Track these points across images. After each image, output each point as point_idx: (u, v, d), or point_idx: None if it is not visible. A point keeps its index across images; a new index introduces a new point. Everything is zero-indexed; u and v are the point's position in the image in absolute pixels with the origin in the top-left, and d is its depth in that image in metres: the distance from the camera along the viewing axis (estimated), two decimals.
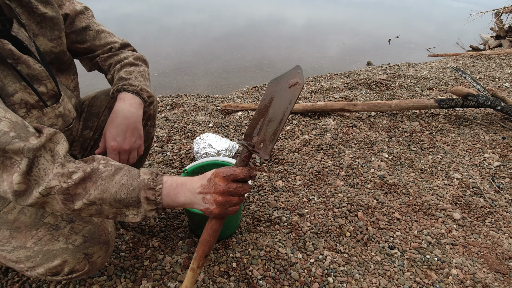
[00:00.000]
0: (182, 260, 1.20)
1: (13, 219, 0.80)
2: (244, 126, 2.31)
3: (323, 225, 1.44)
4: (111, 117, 0.92)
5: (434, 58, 5.84)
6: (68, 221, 0.83)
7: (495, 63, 4.37)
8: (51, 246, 0.81)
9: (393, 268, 1.27)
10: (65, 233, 0.82)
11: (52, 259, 0.81)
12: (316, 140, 2.13)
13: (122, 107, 0.92)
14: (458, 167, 1.97)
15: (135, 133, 0.94)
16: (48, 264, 0.81)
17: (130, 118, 0.92)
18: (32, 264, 0.81)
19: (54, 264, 0.81)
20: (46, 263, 0.81)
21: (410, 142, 2.22)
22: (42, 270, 0.81)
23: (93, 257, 0.85)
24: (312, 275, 1.20)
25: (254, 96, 3.26)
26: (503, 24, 6.51)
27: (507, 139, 2.22)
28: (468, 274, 1.27)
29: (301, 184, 1.71)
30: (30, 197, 0.65)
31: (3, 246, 0.81)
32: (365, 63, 5.67)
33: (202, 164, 1.40)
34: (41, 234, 0.81)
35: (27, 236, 0.80)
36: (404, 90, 3.15)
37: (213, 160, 1.43)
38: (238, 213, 1.35)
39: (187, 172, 1.34)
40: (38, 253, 0.80)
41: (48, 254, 0.81)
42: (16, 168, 0.62)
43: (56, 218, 0.83)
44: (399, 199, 1.67)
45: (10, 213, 0.81)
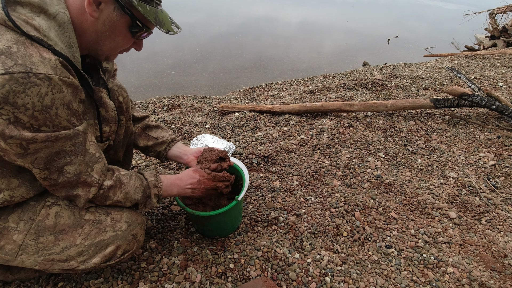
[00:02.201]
0: (179, 262, 1.20)
1: (53, 224, 0.88)
2: (241, 126, 2.31)
3: (320, 225, 1.44)
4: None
5: (430, 58, 5.88)
6: (106, 213, 0.95)
7: (490, 63, 4.41)
8: (101, 237, 0.93)
9: (390, 267, 1.28)
10: (109, 224, 0.95)
11: (105, 248, 0.94)
12: (313, 140, 2.13)
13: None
14: (453, 166, 1.99)
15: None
16: (102, 252, 0.93)
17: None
18: (85, 258, 0.92)
19: (108, 251, 0.94)
20: (100, 252, 0.93)
21: (406, 142, 2.23)
22: (97, 259, 0.93)
23: (137, 236, 1.01)
24: (309, 275, 1.20)
25: (251, 97, 3.27)
26: (497, 25, 6.58)
27: (502, 138, 2.24)
28: (464, 272, 1.28)
29: (298, 185, 1.71)
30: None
31: (50, 250, 0.89)
32: (361, 64, 5.70)
33: None
34: (88, 230, 0.91)
35: (74, 235, 0.90)
36: (400, 90, 3.17)
37: None
38: (238, 213, 1.35)
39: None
40: (90, 247, 0.92)
41: (100, 245, 0.93)
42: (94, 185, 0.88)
43: (94, 214, 0.94)
44: (395, 199, 1.68)
45: (47, 220, 0.88)
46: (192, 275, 1.15)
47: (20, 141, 0.70)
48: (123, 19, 0.84)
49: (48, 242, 0.88)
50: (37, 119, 0.70)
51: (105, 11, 0.81)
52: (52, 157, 0.76)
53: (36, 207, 0.88)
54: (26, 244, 0.87)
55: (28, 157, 0.73)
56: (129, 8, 0.82)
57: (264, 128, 2.30)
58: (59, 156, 0.77)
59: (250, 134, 2.22)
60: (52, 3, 0.74)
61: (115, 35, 0.86)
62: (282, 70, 5.13)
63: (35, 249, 0.88)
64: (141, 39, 0.94)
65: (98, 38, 0.85)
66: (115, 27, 0.84)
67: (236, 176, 1.41)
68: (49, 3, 0.74)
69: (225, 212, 1.17)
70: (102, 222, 0.94)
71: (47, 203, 0.89)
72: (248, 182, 1.27)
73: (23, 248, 0.87)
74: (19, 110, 0.67)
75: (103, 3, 0.79)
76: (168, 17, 0.92)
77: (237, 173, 1.39)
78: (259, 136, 2.18)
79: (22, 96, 0.66)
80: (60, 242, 0.89)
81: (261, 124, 2.34)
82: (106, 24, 0.83)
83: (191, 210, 1.16)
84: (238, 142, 2.11)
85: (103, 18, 0.81)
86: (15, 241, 0.86)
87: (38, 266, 0.91)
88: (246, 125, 2.33)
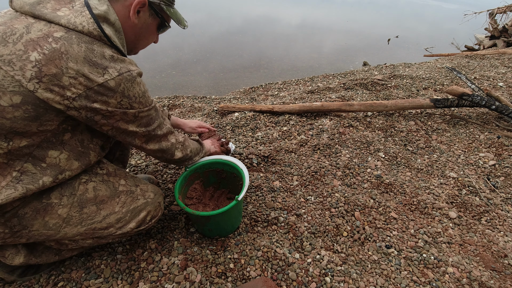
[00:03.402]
0: (179, 262, 1.20)
1: (93, 196, 1.01)
2: (241, 127, 2.31)
3: (320, 225, 1.44)
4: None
5: (430, 58, 5.88)
6: (135, 185, 1.12)
7: (490, 63, 4.41)
8: (135, 204, 1.09)
9: (390, 267, 1.28)
10: (140, 193, 1.12)
11: (139, 213, 1.09)
12: (313, 140, 2.13)
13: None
14: (453, 166, 1.99)
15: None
16: (136, 218, 1.09)
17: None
18: (123, 224, 1.06)
19: (141, 216, 1.10)
20: (135, 218, 1.08)
21: (406, 142, 2.23)
22: (133, 224, 1.08)
23: (161, 204, 1.19)
24: (309, 275, 1.20)
25: (251, 97, 3.27)
26: (497, 24, 6.58)
27: (502, 138, 2.24)
28: (464, 272, 1.28)
29: (298, 185, 1.71)
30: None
31: (93, 219, 1.01)
32: (361, 64, 5.70)
33: (203, 163, 1.41)
34: (124, 199, 1.07)
35: (113, 204, 1.04)
36: (400, 90, 3.17)
37: (213, 159, 1.43)
38: (238, 213, 1.35)
39: (188, 171, 1.35)
40: (126, 213, 1.07)
41: (134, 211, 1.08)
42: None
43: (126, 186, 1.10)
44: (395, 199, 1.68)
45: (87, 193, 1.01)
46: (192, 275, 1.15)
47: (135, 111, 0.94)
48: (155, 22, 1.04)
49: (91, 212, 1.00)
50: (142, 104, 0.94)
51: (143, 17, 0.99)
52: (148, 121, 1.00)
53: (74, 184, 0.99)
54: (70, 216, 0.98)
55: (137, 121, 0.96)
56: (160, 12, 1.02)
57: (264, 128, 2.30)
58: (152, 120, 1.01)
59: (250, 134, 2.22)
60: (110, 13, 0.90)
61: (148, 34, 1.05)
62: (282, 70, 5.13)
63: (79, 220, 0.99)
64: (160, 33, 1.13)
65: (136, 38, 1.03)
66: (149, 28, 1.03)
67: (236, 176, 1.42)
68: (109, 14, 0.90)
69: (225, 212, 1.17)
70: (134, 192, 1.10)
71: (82, 180, 1.01)
72: (248, 182, 1.28)
73: (67, 221, 0.98)
74: (132, 100, 0.90)
75: (141, 11, 0.97)
76: (180, 15, 1.11)
77: (237, 173, 1.39)
78: (259, 136, 2.18)
79: (131, 89, 0.89)
80: (101, 211, 1.02)
81: (261, 124, 2.34)
82: (143, 27, 1.01)
83: (191, 210, 1.17)
84: (238, 142, 2.11)
85: (141, 23, 0.99)
86: (60, 215, 0.96)
87: (79, 236, 1.02)
88: (246, 125, 2.33)
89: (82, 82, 0.81)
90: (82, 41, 0.82)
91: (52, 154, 0.90)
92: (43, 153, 0.88)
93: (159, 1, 0.99)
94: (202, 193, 1.46)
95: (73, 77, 0.80)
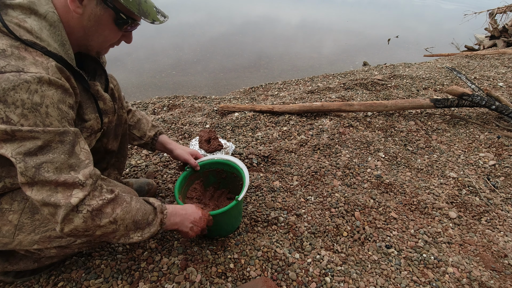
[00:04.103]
0: (179, 262, 1.20)
1: None
2: (241, 127, 2.31)
3: (320, 225, 1.44)
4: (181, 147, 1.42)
5: (430, 58, 5.88)
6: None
7: (490, 63, 4.41)
8: None
9: (390, 267, 1.28)
10: None
11: None
12: (313, 140, 2.13)
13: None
14: (453, 166, 1.99)
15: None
16: None
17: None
18: None
19: None
20: None
21: (406, 142, 2.23)
22: None
23: None
24: (309, 275, 1.20)
25: (250, 97, 3.27)
26: (497, 25, 6.58)
27: (502, 138, 2.24)
28: (464, 272, 1.28)
29: (298, 185, 1.71)
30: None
31: (46, 226, 0.90)
32: (361, 64, 5.70)
33: (203, 163, 1.41)
34: None
35: None
36: (400, 90, 3.17)
37: (213, 159, 1.43)
38: (238, 213, 1.35)
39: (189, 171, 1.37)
40: None
41: None
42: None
43: None
44: (395, 199, 1.68)
45: None
46: (192, 275, 1.15)
47: (6, 127, 0.68)
48: (107, 13, 0.84)
49: (43, 219, 0.89)
50: (27, 118, 0.69)
51: (88, 7, 0.81)
52: (35, 149, 0.71)
53: None
54: (22, 223, 0.88)
55: (15, 142, 0.70)
56: (111, 1, 0.82)
57: (264, 128, 2.30)
58: (42, 151, 0.72)
59: (250, 134, 2.22)
60: (40, 3, 0.76)
61: (102, 29, 0.86)
62: (282, 70, 5.13)
63: (32, 227, 0.89)
64: (128, 31, 0.93)
65: (86, 33, 0.85)
66: (100, 21, 0.84)
67: (236, 176, 1.42)
68: (38, 4, 0.75)
69: (225, 212, 1.17)
70: None
71: None
72: (248, 182, 1.28)
73: (20, 228, 0.88)
74: (9, 108, 0.68)
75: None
76: (153, 7, 0.90)
77: (237, 173, 1.39)
78: (259, 136, 2.18)
79: (11, 93, 0.67)
80: None
81: (261, 124, 2.34)
82: (91, 19, 0.83)
83: None
84: (238, 142, 2.11)
85: (87, 14, 0.82)
86: (10, 221, 0.87)
87: (36, 245, 0.92)
88: (246, 125, 2.33)
89: None
90: None
91: None
92: None
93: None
94: (202, 193, 1.46)
95: None
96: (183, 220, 1.04)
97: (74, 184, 0.75)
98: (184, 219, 1.05)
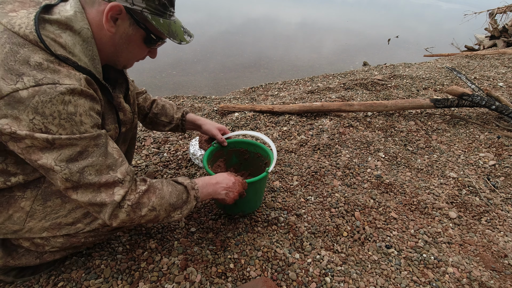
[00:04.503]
0: (179, 262, 1.20)
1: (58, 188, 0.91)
2: (241, 127, 2.31)
3: (320, 225, 1.44)
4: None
5: (430, 58, 5.88)
6: None
7: (490, 63, 4.41)
8: None
9: (390, 267, 1.28)
10: None
11: None
12: (313, 140, 2.13)
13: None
14: (453, 166, 1.99)
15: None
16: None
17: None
18: (91, 219, 0.96)
19: None
20: None
21: (406, 142, 2.23)
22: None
23: None
24: (309, 275, 1.20)
25: (251, 97, 3.27)
26: (497, 25, 6.58)
27: (502, 138, 2.24)
28: (464, 272, 1.28)
29: (298, 185, 1.71)
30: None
31: (57, 213, 0.93)
32: (361, 64, 5.70)
33: (232, 141, 1.47)
34: None
35: None
36: (400, 90, 3.17)
37: (238, 138, 1.51)
38: (262, 190, 1.39)
39: (215, 147, 1.43)
40: None
41: None
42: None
43: None
44: (395, 199, 1.68)
45: (53, 185, 0.91)
46: (192, 275, 1.15)
47: (47, 136, 0.74)
48: (138, 33, 0.89)
49: (55, 206, 0.92)
50: (64, 128, 0.75)
51: (122, 27, 0.86)
52: (75, 155, 0.78)
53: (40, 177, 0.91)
54: (34, 210, 0.91)
55: (54, 151, 0.76)
56: (144, 22, 0.87)
57: (264, 128, 2.30)
58: (82, 156, 0.79)
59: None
60: (77, 20, 0.80)
61: (132, 47, 0.92)
62: (282, 70, 5.13)
63: (43, 214, 0.92)
64: (155, 48, 1.00)
65: (116, 50, 0.91)
66: (131, 40, 0.90)
67: (260, 156, 1.47)
68: (74, 20, 0.80)
69: (255, 182, 1.21)
70: None
71: None
72: (276, 157, 1.31)
73: (31, 215, 0.91)
74: (47, 120, 0.73)
75: (120, 19, 0.85)
76: (181, 27, 0.96)
77: (262, 152, 1.44)
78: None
79: (48, 105, 0.72)
80: (67, 204, 0.93)
81: (261, 124, 2.34)
82: (123, 37, 0.88)
83: None
84: None
85: (120, 33, 0.87)
86: (23, 208, 0.90)
87: (46, 232, 0.94)
88: (246, 125, 2.33)
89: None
90: (11, 42, 0.72)
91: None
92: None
93: (142, 9, 0.84)
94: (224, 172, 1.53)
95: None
96: (216, 189, 1.11)
97: (115, 183, 0.83)
98: (217, 187, 1.11)
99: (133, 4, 0.83)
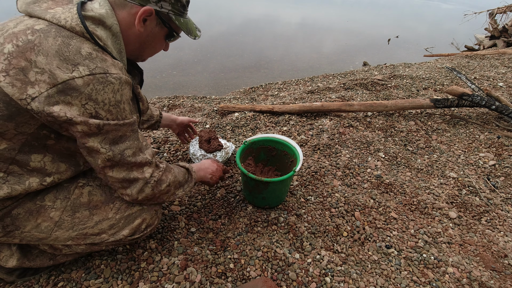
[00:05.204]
0: (179, 262, 1.20)
1: (87, 201, 0.99)
2: (241, 127, 2.31)
3: (320, 225, 1.44)
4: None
5: (430, 58, 5.88)
6: None
7: (490, 63, 4.41)
8: (130, 211, 1.05)
9: (390, 267, 1.28)
10: None
11: (133, 220, 1.05)
12: (313, 140, 2.13)
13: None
14: (453, 166, 1.99)
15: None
16: (130, 225, 1.05)
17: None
18: (115, 230, 1.03)
19: (136, 223, 1.06)
20: (129, 225, 1.05)
21: (406, 142, 2.23)
22: (126, 231, 1.04)
23: (158, 212, 1.14)
24: (309, 275, 1.20)
25: (251, 97, 3.27)
26: (497, 25, 6.58)
27: (502, 138, 2.24)
28: (464, 272, 1.28)
29: (298, 185, 1.71)
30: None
31: (85, 224, 0.99)
32: (361, 64, 5.70)
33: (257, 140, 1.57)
34: (118, 205, 1.03)
35: (106, 209, 1.02)
36: (400, 90, 3.17)
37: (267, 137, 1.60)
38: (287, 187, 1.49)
39: (246, 145, 1.52)
40: (120, 219, 1.03)
41: (129, 218, 1.05)
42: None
43: None
44: (395, 199, 1.68)
45: (82, 197, 0.99)
46: (192, 275, 1.15)
47: (99, 122, 0.82)
48: (163, 31, 1.01)
49: (83, 217, 0.98)
50: (111, 113, 0.84)
51: (149, 26, 0.96)
52: (116, 139, 0.88)
53: (70, 188, 0.98)
54: (62, 220, 0.96)
55: (100, 135, 0.84)
56: (168, 22, 0.99)
57: (264, 128, 2.30)
58: (122, 139, 0.89)
59: (250, 134, 2.22)
60: (108, 16, 0.88)
61: (155, 43, 1.03)
62: (282, 70, 5.13)
63: (71, 224, 0.97)
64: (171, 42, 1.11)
65: (141, 46, 1.01)
66: (156, 38, 1.01)
67: (286, 154, 1.57)
68: (106, 17, 0.87)
69: (283, 180, 1.34)
70: None
71: (79, 184, 0.99)
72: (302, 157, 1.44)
73: (59, 225, 0.96)
74: (99, 105, 0.81)
75: (148, 20, 0.94)
76: (193, 24, 1.07)
77: (288, 150, 1.54)
78: None
79: (101, 93, 0.80)
80: (94, 216, 1.00)
81: (261, 124, 2.34)
82: (149, 35, 0.98)
83: (254, 175, 1.31)
84: (238, 142, 2.11)
85: (147, 32, 0.97)
86: (51, 218, 0.95)
87: (71, 241, 1.00)
88: (246, 125, 2.33)
89: (46, 80, 0.75)
90: (61, 35, 0.78)
91: (35, 158, 0.87)
92: (26, 158, 0.86)
93: (168, 11, 0.95)
94: (254, 168, 1.62)
95: (39, 72, 0.75)
96: (205, 173, 1.30)
97: (146, 163, 0.96)
98: (205, 172, 1.30)
99: (161, 7, 0.93)
